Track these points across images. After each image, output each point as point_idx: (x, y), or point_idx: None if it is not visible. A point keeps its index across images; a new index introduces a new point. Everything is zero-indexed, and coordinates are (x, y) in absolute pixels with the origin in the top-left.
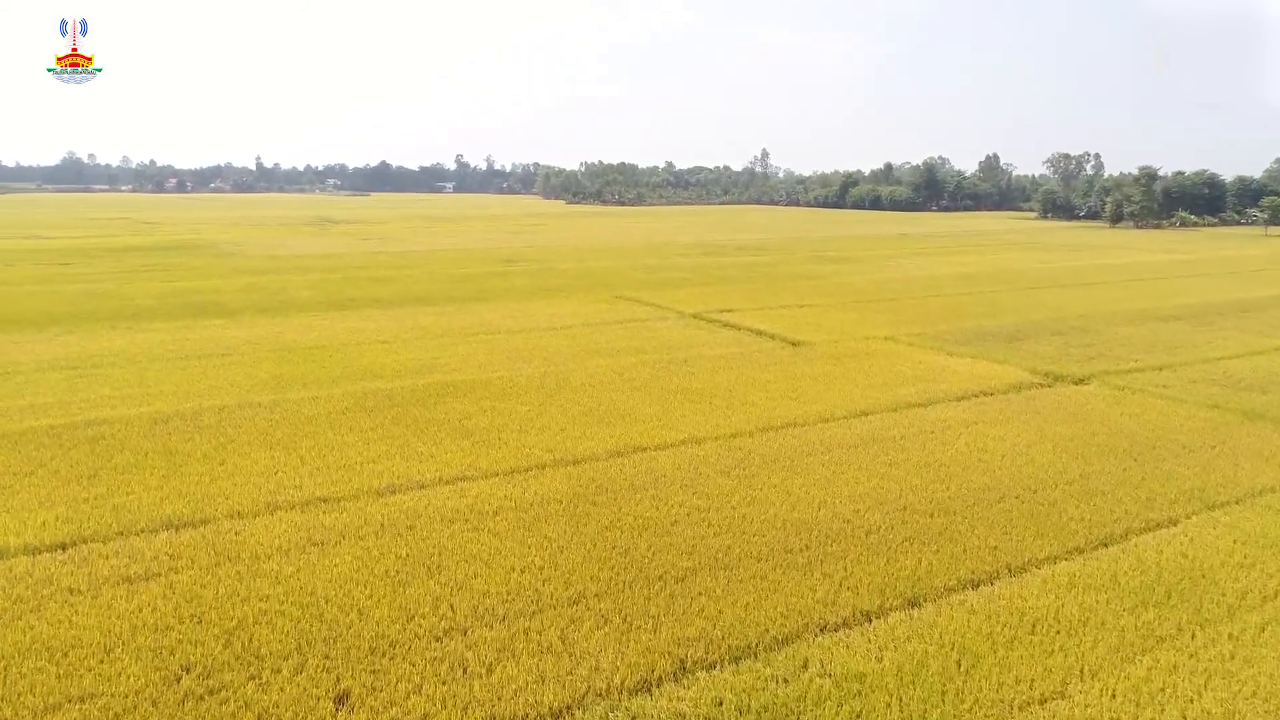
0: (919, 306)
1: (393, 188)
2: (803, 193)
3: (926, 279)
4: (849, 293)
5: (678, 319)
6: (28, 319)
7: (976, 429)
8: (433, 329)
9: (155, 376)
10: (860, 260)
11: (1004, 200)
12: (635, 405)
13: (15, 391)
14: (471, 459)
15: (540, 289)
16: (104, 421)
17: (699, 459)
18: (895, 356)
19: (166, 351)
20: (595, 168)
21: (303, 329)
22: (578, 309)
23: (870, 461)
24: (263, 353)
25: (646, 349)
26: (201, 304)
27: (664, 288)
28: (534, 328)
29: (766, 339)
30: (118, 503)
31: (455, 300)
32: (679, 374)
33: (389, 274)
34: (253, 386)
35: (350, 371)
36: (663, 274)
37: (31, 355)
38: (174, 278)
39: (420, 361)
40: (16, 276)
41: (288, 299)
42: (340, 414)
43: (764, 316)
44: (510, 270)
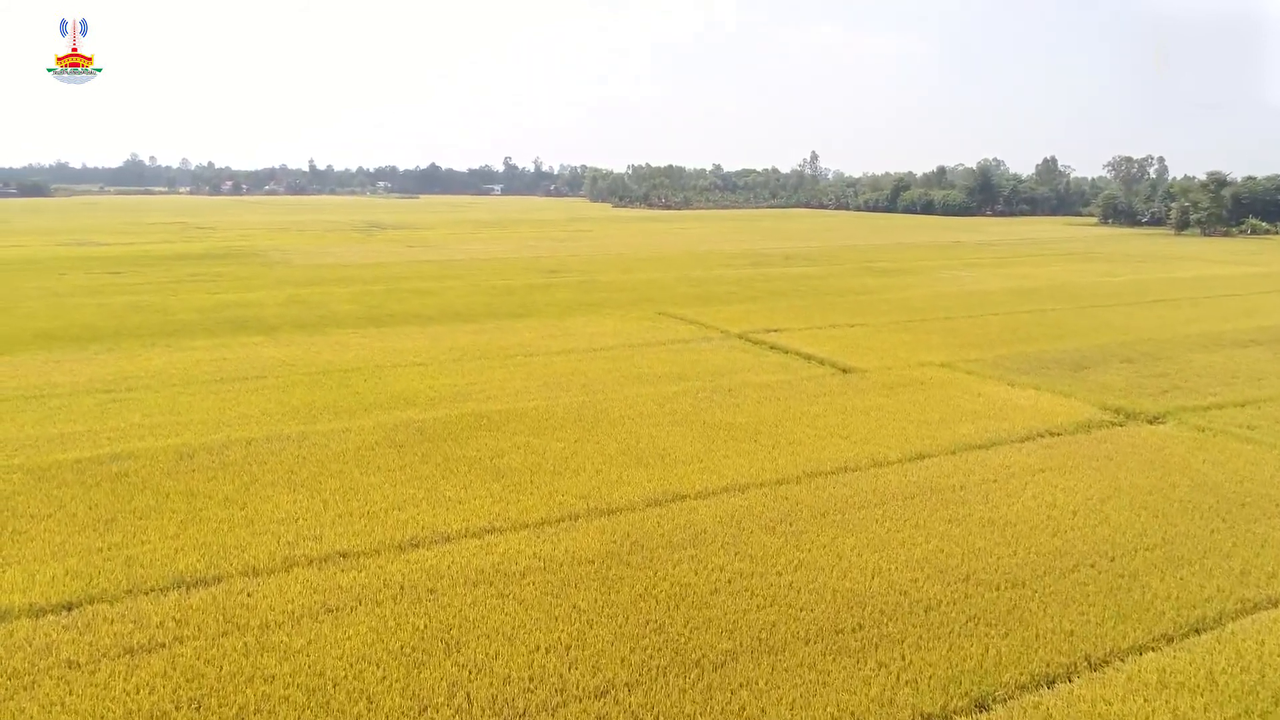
0: (976, 327)
1: (442, 189)
2: (852, 196)
3: (982, 294)
4: (902, 310)
5: (722, 339)
6: (73, 334)
7: (1044, 478)
8: (471, 349)
9: (187, 402)
10: (913, 272)
11: (1062, 205)
12: (675, 443)
13: (49, 418)
14: (501, 506)
15: (582, 303)
16: (130, 455)
17: (742, 510)
18: (952, 386)
19: (202, 373)
20: (642, 170)
21: (339, 348)
22: (619, 327)
23: (928, 517)
24: (297, 375)
25: (689, 375)
26: (242, 319)
27: (709, 303)
28: (574, 349)
29: (815, 364)
30: (131, 554)
31: (496, 316)
32: (722, 405)
33: (431, 285)
34: (283, 415)
35: (383, 398)
36: (708, 287)
37: (70, 376)
38: (219, 289)
39: (455, 388)
40: (68, 286)
41: (327, 313)
42: (369, 449)
43: (813, 337)
44: (553, 282)
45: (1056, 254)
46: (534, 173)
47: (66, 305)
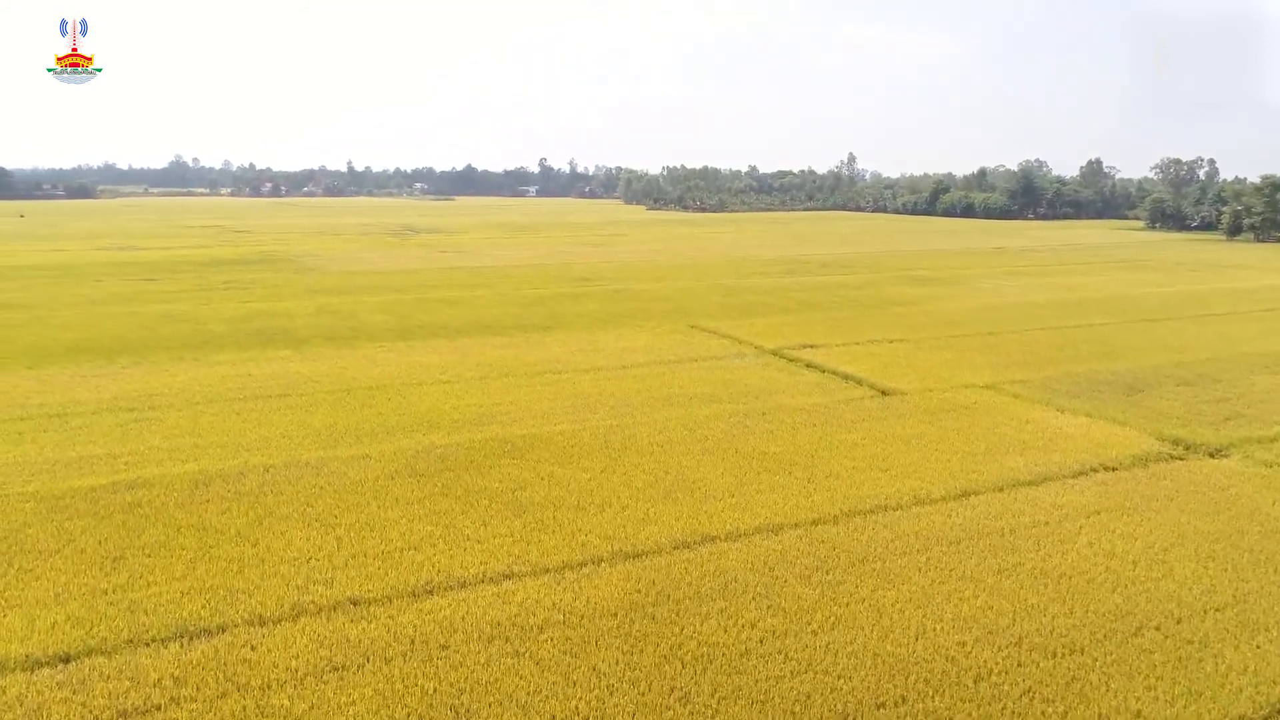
0: (1021, 344)
1: (477, 190)
2: (890, 199)
3: (1027, 307)
4: (942, 324)
5: (756, 356)
6: (102, 346)
7: (1100, 522)
8: (498, 365)
9: (209, 422)
10: (953, 281)
11: (1107, 208)
12: (706, 474)
13: (70, 439)
14: (521, 548)
15: (613, 315)
16: (145, 483)
17: (776, 555)
18: (998, 412)
19: (226, 390)
20: (677, 172)
21: (366, 363)
22: (650, 342)
23: (976, 567)
24: (321, 393)
25: (721, 396)
26: (271, 331)
27: (743, 315)
28: (603, 366)
29: (853, 385)
30: (135, 598)
31: (524, 329)
32: (756, 431)
33: (461, 294)
34: (304, 438)
35: (406, 420)
36: (742, 297)
37: (95, 393)
38: (250, 297)
39: (480, 409)
40: (103, 295)
41: (356, 325)
42: (388, 479)
43: (850, 355)
44: (584, 291)
45: (1103, 261)
46: (569, 174)
47: (100, 315)
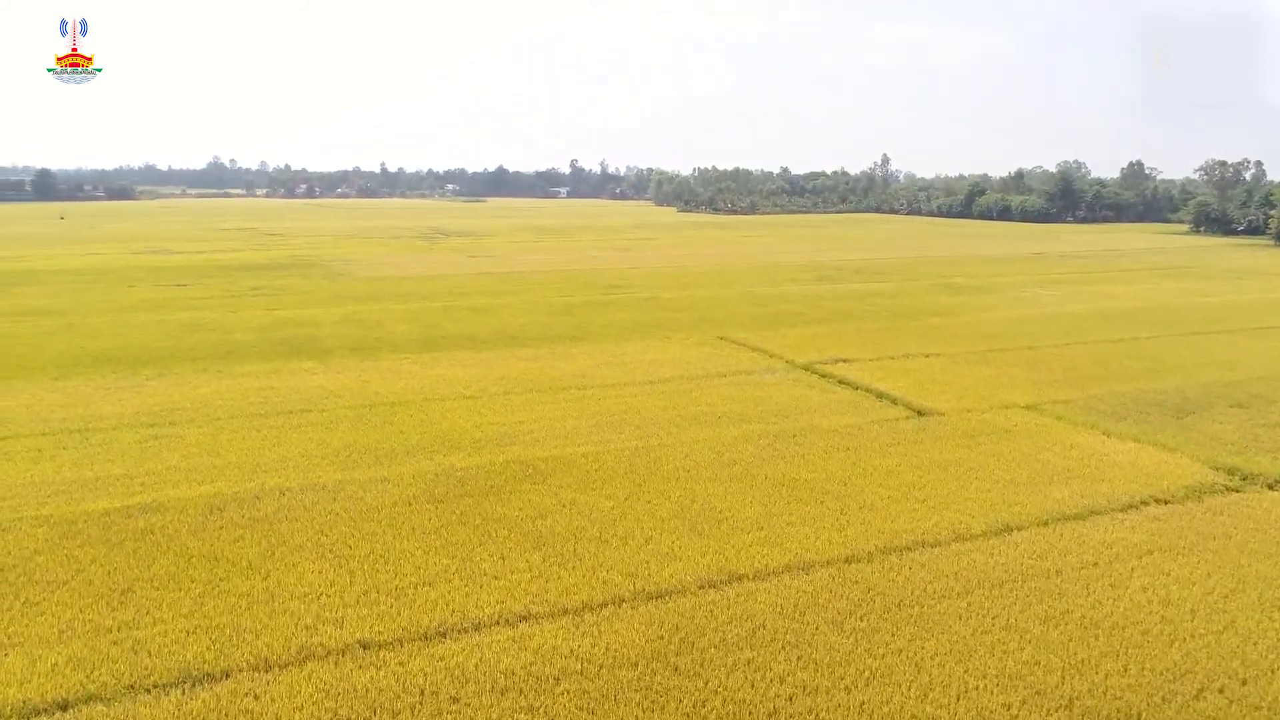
0: (1062, 359)
1: (509, 192)
2: (925, 201)
3: (1068, 318)
4: (980, 337)
5: (787, 371)
6: (128, 356)
7: (1153, 564)
8: (522, 379)
9: (228, 440)
10: (991, 290)
11: (1149, 211)
12: (734, 503)
13: (88, 457)
14: (540, 585)
15: (641, 325)
16: (160, 507)
17: (807, 598)
18: (1040, 435)
19: (248, 405)
20: (708, 174)
21: (389, 376)
22: (679, 354)
23: (1020, 615)
24: (343, 409)
25: (750, 415)
26: (296, 340)
27: (774, 326)
28: (629, 381)
29: (888, 403)
30: (140, 638)
31: (551, 340)
32: (786, 455)
33: (488, 302)
34: (322, 458)
35: (427, 439)
36: (773, 306)
37: (117, 406)
38: (278, 304)
39: (503, 428)
40: (133, 301)
41: (382, 335)
42: (406, 505)
43: (884, 370)
44: (612, 299)
45: (1146, 268)
46: (600, 175)
47: (129, 323)
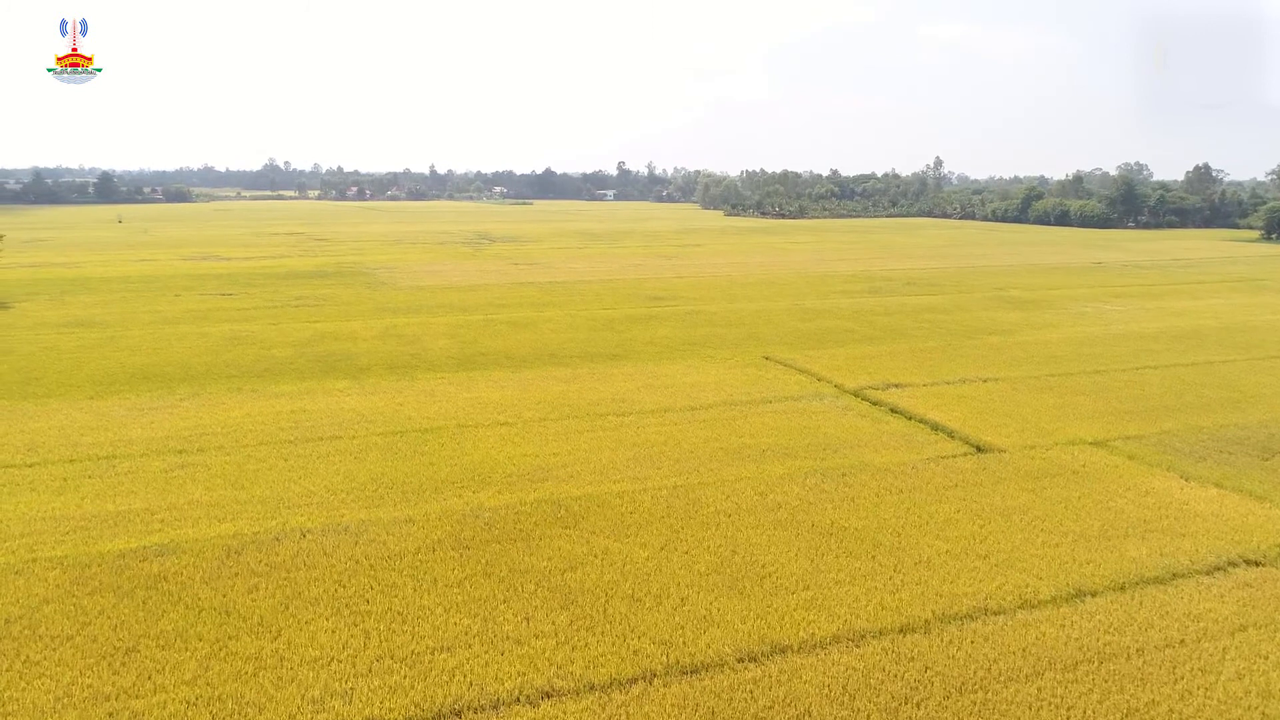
0: (1132, 386)
1: (556, 195)
2: (979, 205)
3: (1135, 338)
4: (1042, 359)
5: (835, 398)
6: (166, 373)
7: (1248, 643)
8: (560, 403)
9: (254, 470)
10: (1051, 304)
11: (1215, 216)
12: (778, 555)
13: (111, 488)
14: (566, 654)
15: (684, 342)
16: (176, 548)
17: (858, 678)
18: (1111, 478)
19: (278, 430)
20: (756, 176)
21: (424, 398)
22: (722, 376)
23: (1100, 705)
24: (373, 435)
25: (797, 450)
26: (334, 357)
27: (822, 344)
28: (670, 406)
29: (944, 437)
30: (138, 710)
31: (591, 358)
32: (835, 497)
33: (529, 315)
34: (349, 493)
35: (457, 471)
36: (821, 321)
37: (147, 430)
38: (319, 316)
39: (536, 459)
40: (177, 312)
41: (419, 351)
42: (430, 551)
43: (939, 398)
44: (655, 313)
45: (1217, 280)
46: (648, 178)
47: (170, 336)
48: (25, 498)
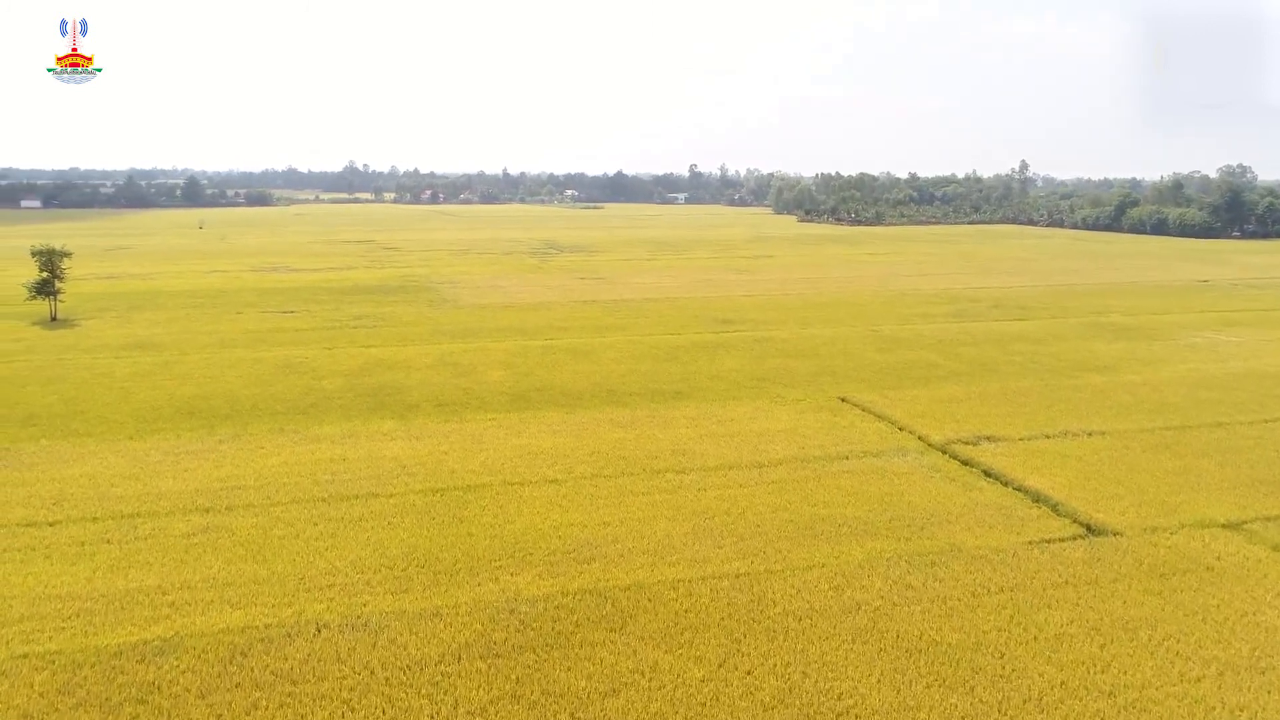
0: (1263, 444)
1: (627, 197)
2: (1068, 212)
3: (1258, 378)
4: (1152, 406)
5: (920, 454)
6: (211, 407)
7: None
8: (615, 455)
9: (278, 539)
10: (1156, 333)
11: None
12: (857, 683)
13: (126, 559)
14: None
15: (752, 378)
16: (179, 644)
17: None
18: (1254, 578)
19: (313, 485)
20: (831, 180)
21: (471, 445)
22: (793, 422)
23: None
24: (412, 494)
25: (878, 525)
26: (383, 391)
27: (903, 381)
28: (735, 462)
29: (1047, 512)
30: None
31: (651, 396)
32: (923, 596)
33: (589, 343)
34: (375, 572)
35: (496, 546)
36: (901, 352)
37: (178, 482)
38: (375, 339)
39: (584, 531)
40: (236, 333)
41: (472, 385)
42: (454, 661)
43: (1039, 457)
44: (722, 341)
45: None
46: (719, 180)
47: (224, 362)
48: (38, 567)
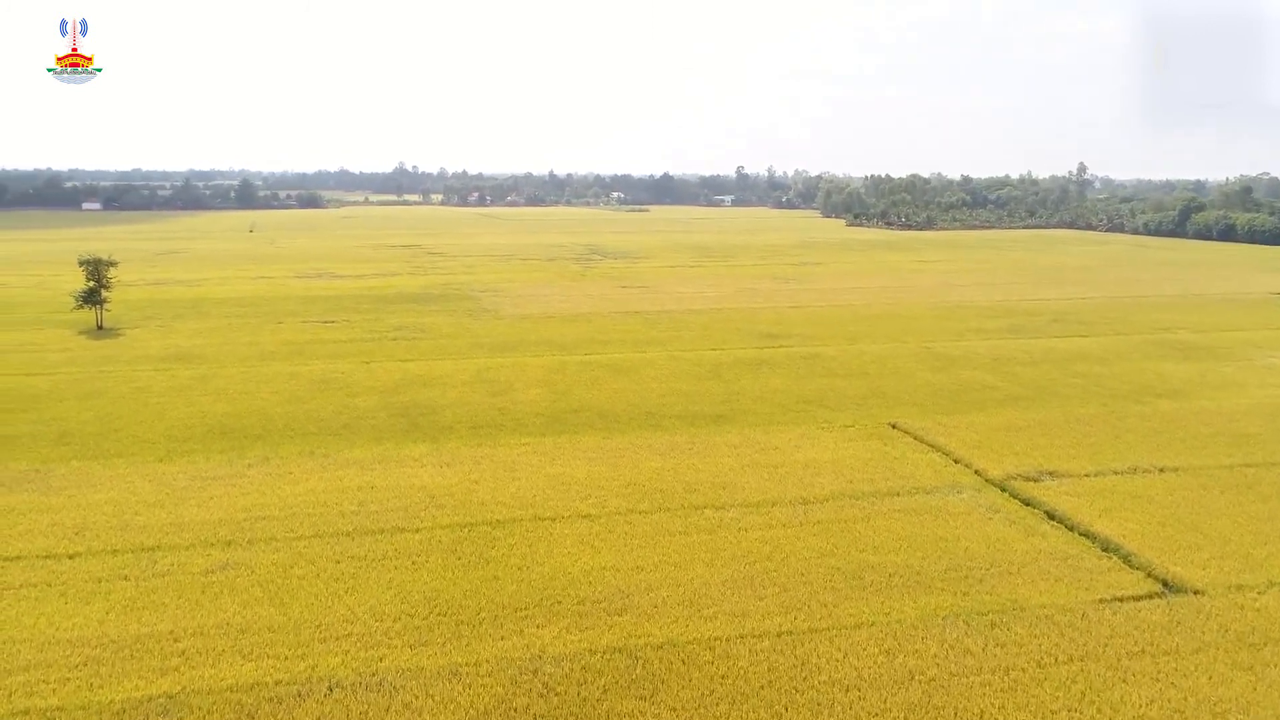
0: None
1: (673, 200)
2: (1128, 216)
3: None
4: (1230, 437)
5: (977, 491)
6: (243, 427)
7: None
8: (651, 488)
9: (298, 579)
10: (1228, 352)
11: None
12: None
13: (140, 599)
14: None
15: (798, 400)
16: (183, 703)
17: None
18: None
19: (338, 517)
20: (881, 183)
21: (503, 473)
22: (840, 452)
23: None
24: (439, 530)
25: (932, 576)
26: (417, 410)
27: (957, 406)
28: (778, 498)
29: (1118, 564)
30: None
31: (692, 420)
32: (985, 666)
33: (630, 359)
34: (396, 620)
35: (524, 592)
36: (954, 373)
37: (203, 511)
38: (413, 353)
39: (616, 578)
40: (275, 345)
41: (508, 405)
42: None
43: (1107, 497)
44: (768, 357)
45: None
46: (766, 182)
47: (260, 377)
48: (51, 607)
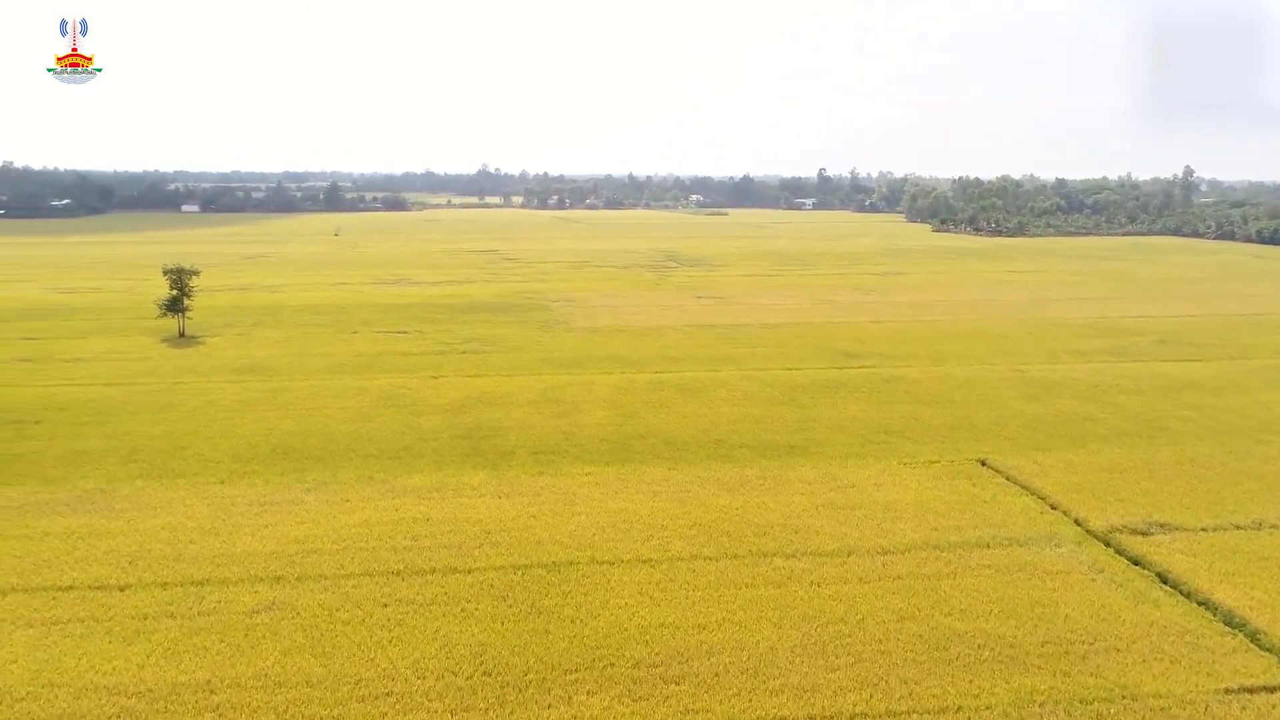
0: None
1: (753, 203)
2: (1240, 223)
3: None
4: None
5: (1076, 546)
6: (306, 447)
7: None
8: (718, 529)
9: (342, 624)
10: None
11: None
12: None
13: (181, 641)
14: None
15: (878, 430)
16: None
17: None
18: None
19: (390, 552)
20: (969, 185)
21: (563, 506)
22: (924, 493)
23: None
24: (492, 572)
25: (1027, 650)
26: (481, 431)
27: (1054, 440)
28: (855, 546)
29: (1244, 643)
30: None
31: (764, 451)
32: None
33: (701, 379)
34: (439, 677)
35: (574, 652)
36: (1051, 401)
37: (256, 542)
38: (482, 368)
39: (675, 640)
40: (346, 356)
41: (572, 429)
42: None
43: (1229, 558)
44: (846, 379)
45: None
46: (848, 185)
47: (329, 392)
48: (94, 646)
